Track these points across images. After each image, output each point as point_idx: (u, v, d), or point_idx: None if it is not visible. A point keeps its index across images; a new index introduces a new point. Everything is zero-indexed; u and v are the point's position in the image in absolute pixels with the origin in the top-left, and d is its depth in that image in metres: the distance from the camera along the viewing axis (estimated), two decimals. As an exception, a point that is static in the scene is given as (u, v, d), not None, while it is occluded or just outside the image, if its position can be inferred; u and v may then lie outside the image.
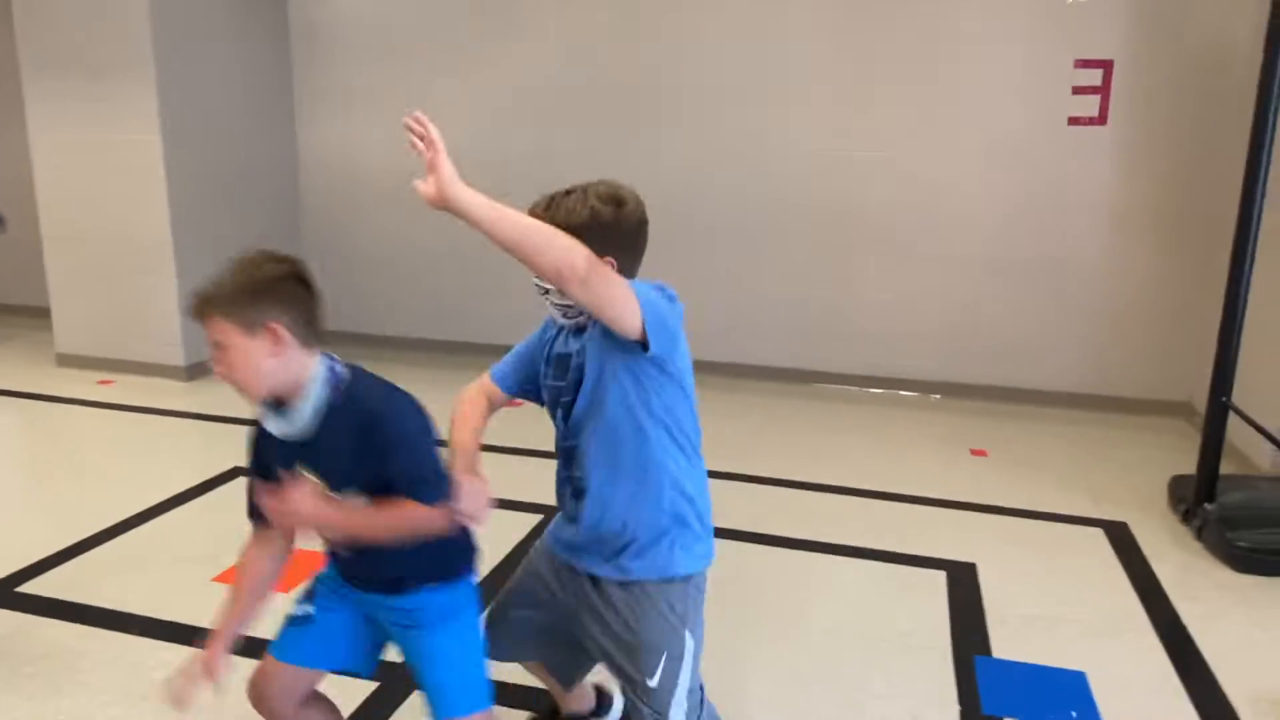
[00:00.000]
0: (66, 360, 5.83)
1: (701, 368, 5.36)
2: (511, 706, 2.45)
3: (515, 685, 2.48)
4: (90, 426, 4.90)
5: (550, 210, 1.73)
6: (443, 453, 1.75)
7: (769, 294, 5.65)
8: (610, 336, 1.67)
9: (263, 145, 6.10)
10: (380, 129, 6.06)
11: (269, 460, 1.73)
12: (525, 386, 1.96)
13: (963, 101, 5.12)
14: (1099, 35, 4.83)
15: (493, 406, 1.98)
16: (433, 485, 1.64)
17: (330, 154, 6.31)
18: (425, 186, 1.52)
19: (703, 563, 1.89)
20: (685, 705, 1.84)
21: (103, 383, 5.53)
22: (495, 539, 2.28)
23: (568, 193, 1.75)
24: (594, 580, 1.86)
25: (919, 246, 5.34)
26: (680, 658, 1.82)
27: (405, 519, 1.64)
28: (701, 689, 1.96)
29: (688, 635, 1.84)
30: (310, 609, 1.89)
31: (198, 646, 1.79)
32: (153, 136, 5.31)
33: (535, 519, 3.48)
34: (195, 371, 5.62)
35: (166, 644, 2.73)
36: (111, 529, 3.55)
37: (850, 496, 3.99)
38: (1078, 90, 4.88)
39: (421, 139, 1.52)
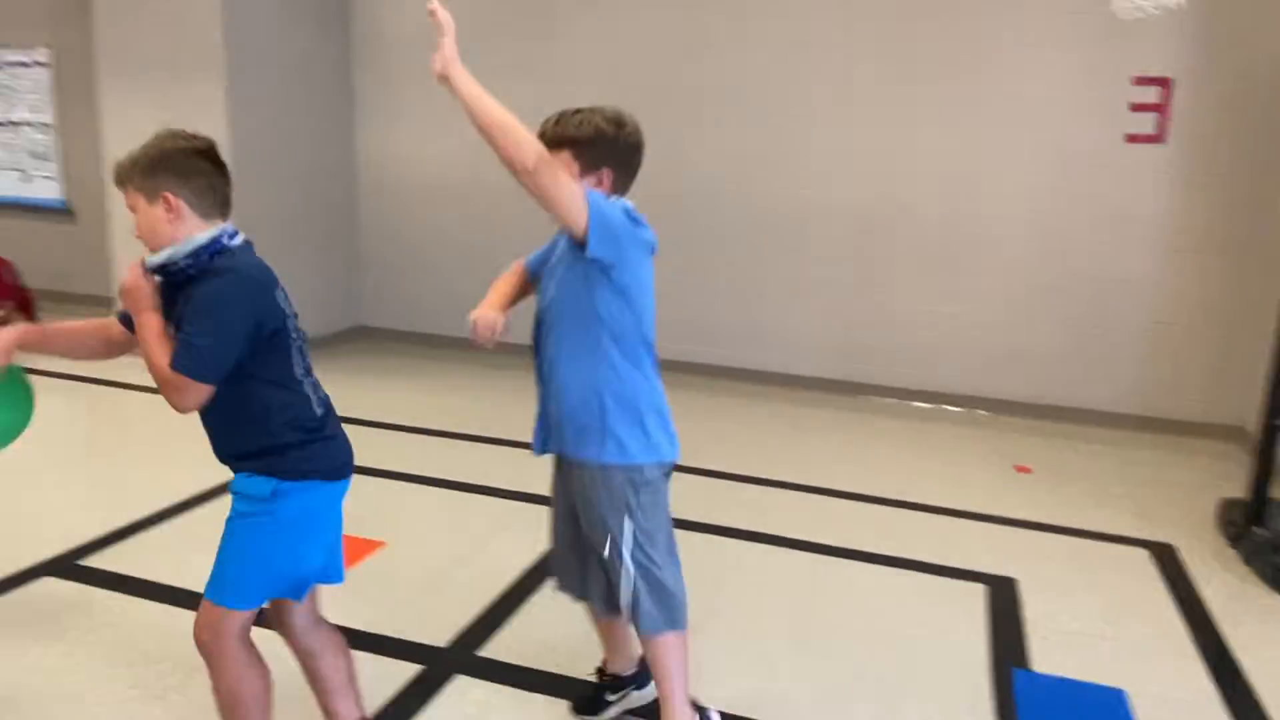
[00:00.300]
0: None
1: (740, 375, 5.50)
2: (543, 692, 2.51)
3: (549, 673, 2.54)
4: (152, 411, 5.06)
5: (559, 123, 2.03)
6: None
7: (809, 304, 5.67)
8: (570, 241, 1.98)
9: (324, 147, 6.27)
10: (433, 132, 6.20)
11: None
12: (538, 271, 2.26)
13: (1015, 115, 5.10)
14: (1158, 52, 4.80)
15: (524, 279, 2.30)
16: (184, 350, 1.76)
17: (386, 156, 6.47)
18: (435, 61, 1.78)
19: (637, 458, 2.11)
20: (633, 575, 2.13)
21: (164, 371, 5.71)
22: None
23: (576, 111, 2.03)
24: (564, 461, 2.19)
25: (966, 260, 5.32)
26: (620, 537, 2.11)
27: (152, 353, 1.80)
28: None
29: (626, 520, 2.11)
30: None
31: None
32: (221, 137, 5.48)
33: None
34: (252, 363, 5.78)
35: (222, 620, 2.82)
36: (171, 509, 3.69)
37: (892, 508, 3.99)
38: (1136, 108, 4.85)
39: (433, 14, 1.80)
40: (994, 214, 5.24)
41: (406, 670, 2.64)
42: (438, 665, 2.67)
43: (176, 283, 1.84)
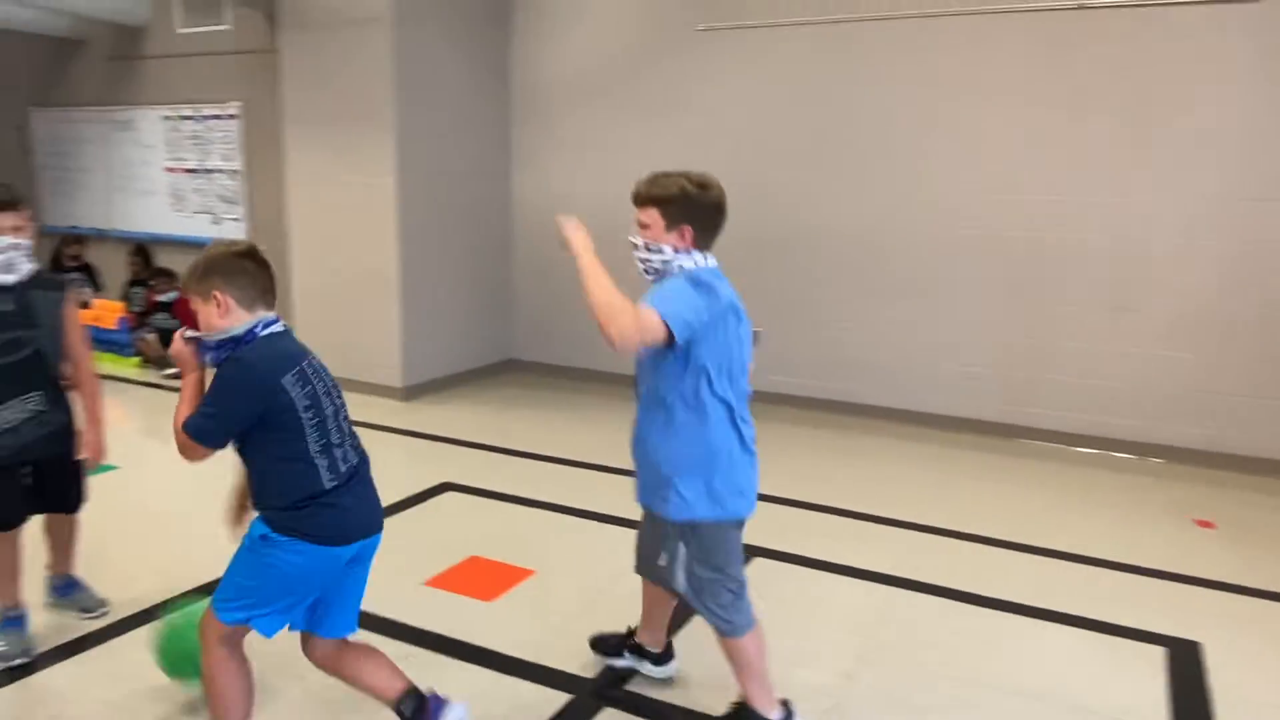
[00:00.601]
0: (302, 378, 6.45)
1: (879, 414, 5.34)
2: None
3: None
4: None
5: (651, 183, 2.32)
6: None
7: (965, 342, 5.47)
8: None
9: (482, 189, 6.57)
10: (582, 176, 6.41)
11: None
12: None
13: (1177, 149, 4.82)
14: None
15: None
16: (196, 416, 2.10)
17: (538, 199, 6.71)
18: (571, 239, 2.27)
19: (699, 515, 2.30)
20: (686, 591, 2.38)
21: (332, 400, 6.07)
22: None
23: (667, 174, 2.30)
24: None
25: (1137, 297, 5.02)
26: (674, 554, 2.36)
27: (179, 408, 2.15)
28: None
29: (680, 546, 2.34)
30: None
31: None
32: (389, 179, 5.85)
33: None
34: (412, 392, 6.08)
35: (387, 639, 2.95)
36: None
37: (1057, 560, 3.76)
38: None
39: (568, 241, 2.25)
40: (1168, 250, 4.92)
41: (554, 700, 2.67)
42: (584, 696, 2.69)
43: (217, 361, 2.17)
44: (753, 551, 3.70)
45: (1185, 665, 2.96)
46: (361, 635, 2.98)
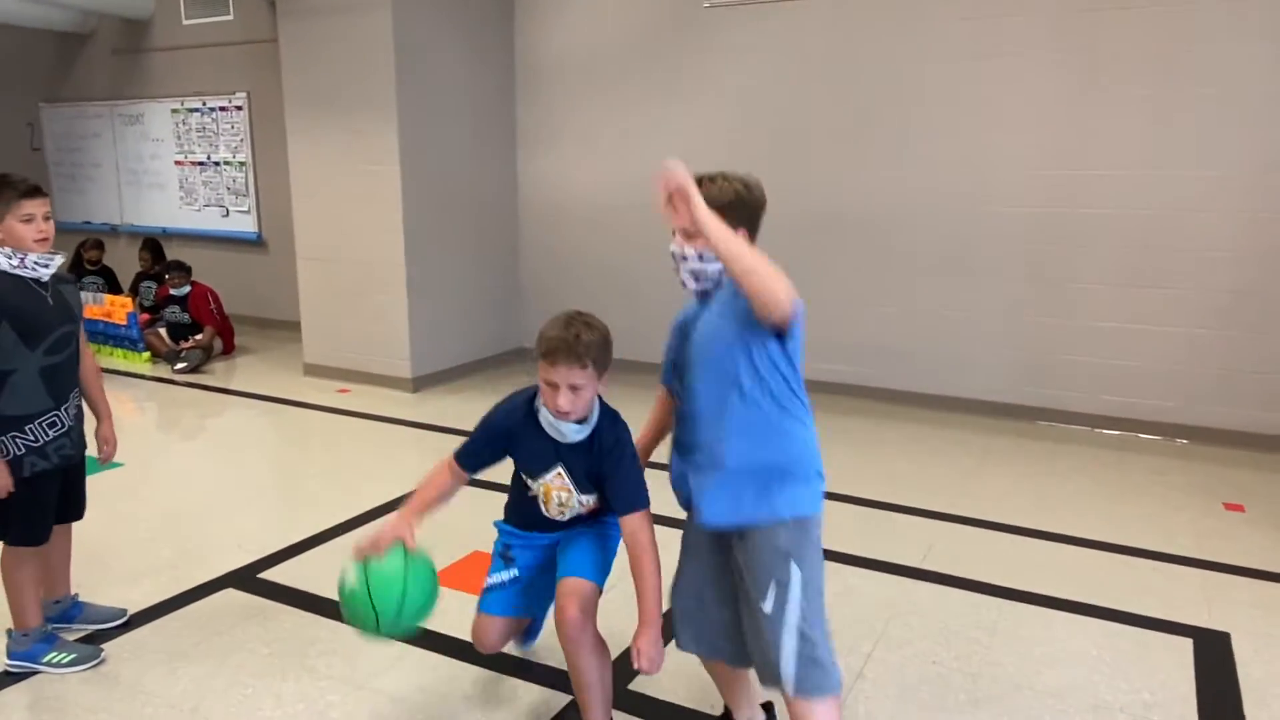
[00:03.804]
0: (312, 370, 6.42)
1: (912, 399, 5.20)
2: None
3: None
4: (328, 430, 5.35)
5: (702, 190, 1.98)
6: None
7: (984, 323, 5.33)
8: (732, 317, 1.98)
9: (487, 176, 6.48)
10: (588, 160, 6.29)
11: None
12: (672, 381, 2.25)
13: (1204, 121, 4.64)
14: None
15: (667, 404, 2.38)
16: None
17: (545, 184, 6.61)
18: (676, 215, 1.91)
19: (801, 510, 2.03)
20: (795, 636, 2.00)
21: (341, 391, 6.04)
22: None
23: (711, 179, 2.06)
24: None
25: (1157, 274, 4.86)
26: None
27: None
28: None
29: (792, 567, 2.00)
30: (515, 572, 2.43)
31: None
32: (393, 167, 5.77)
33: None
34: (421, 383, 6.02)
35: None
36: (342, 525, 3.84)
37: (1079, 548, 3.64)
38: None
39: (673, 194, 1.86)
40: (1197, 222, 4.75)
41: (555, 701, 2.60)
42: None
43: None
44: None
45: (1214, 658, 2.84)
46: (352, 631, 2.94)
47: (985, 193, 5.20)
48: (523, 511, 2.39)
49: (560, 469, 2.25)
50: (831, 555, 3.54)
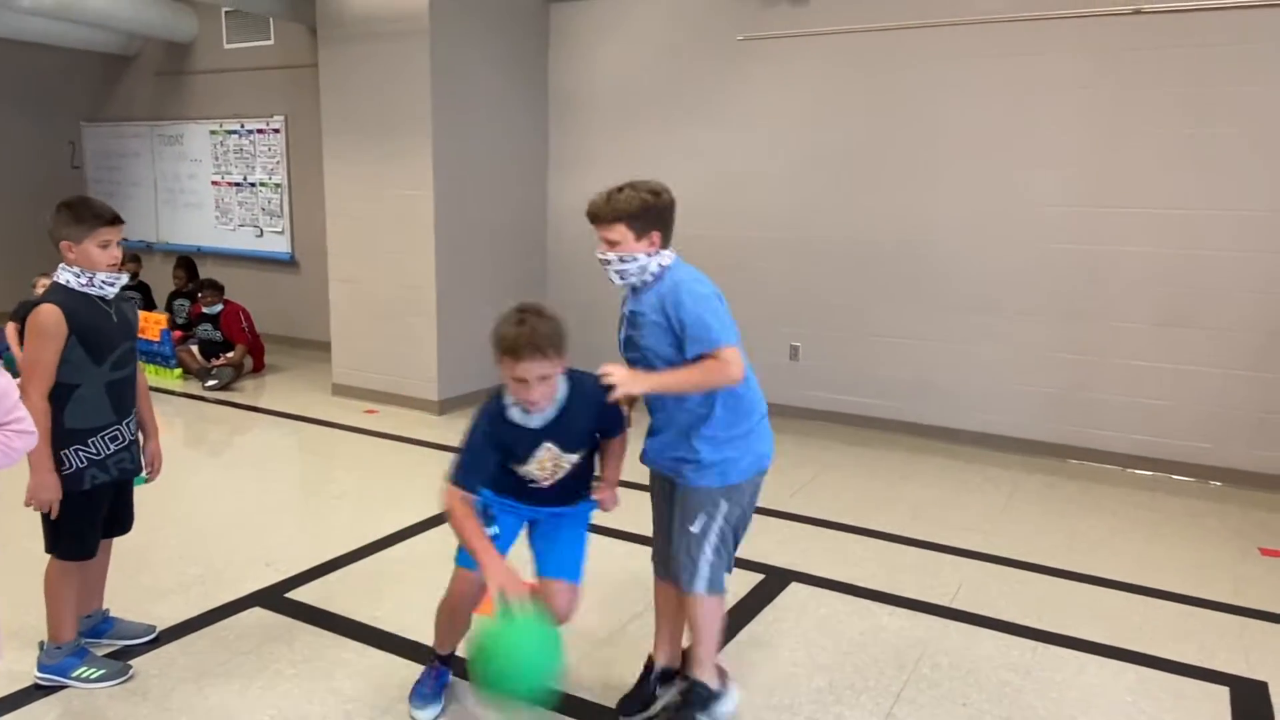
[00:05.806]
0: (341, 390, 6.47)
1: (942, 434, 5.12)
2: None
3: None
4: (355, 451, 5.37)
5: (610, 202, 2.44)
6: None
7: (1015, 359, 5.29)
8: (663, 330, 2.39)
9: (518, 202, 6.53)
10: (618, 181, 6.30)
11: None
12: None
13: (1232, 159, 4.61)
14: None
15: None
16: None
17: (575, 210, 6.57)
18: (620, 385, 2.30)
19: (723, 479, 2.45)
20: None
21: (369, 412, 6.07)
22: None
23: (619, 189, 2.45)
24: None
25: (1191, 313, 4.82)
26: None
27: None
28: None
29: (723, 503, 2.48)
30: (496, 529, 2.50)
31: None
32: (426, 192, 5.83)
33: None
34: (447, 406, 6.05)
35: (410, 663, 2.88)
36: (368, 546, 3.85)
37: (1112, 590, 3.58)
38: None
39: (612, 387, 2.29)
40: (1227, 264, 4.71)
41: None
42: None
43: None
44: (793, 577, 3.59)
45: (1251, 706, 2.77)
46: (379, 654, 2.95)
47: (1018, 229, 5.18)
48: (501, 483, 2.49)
49: (547, 444, 2.41)
50: (860, 591, 3.53)
